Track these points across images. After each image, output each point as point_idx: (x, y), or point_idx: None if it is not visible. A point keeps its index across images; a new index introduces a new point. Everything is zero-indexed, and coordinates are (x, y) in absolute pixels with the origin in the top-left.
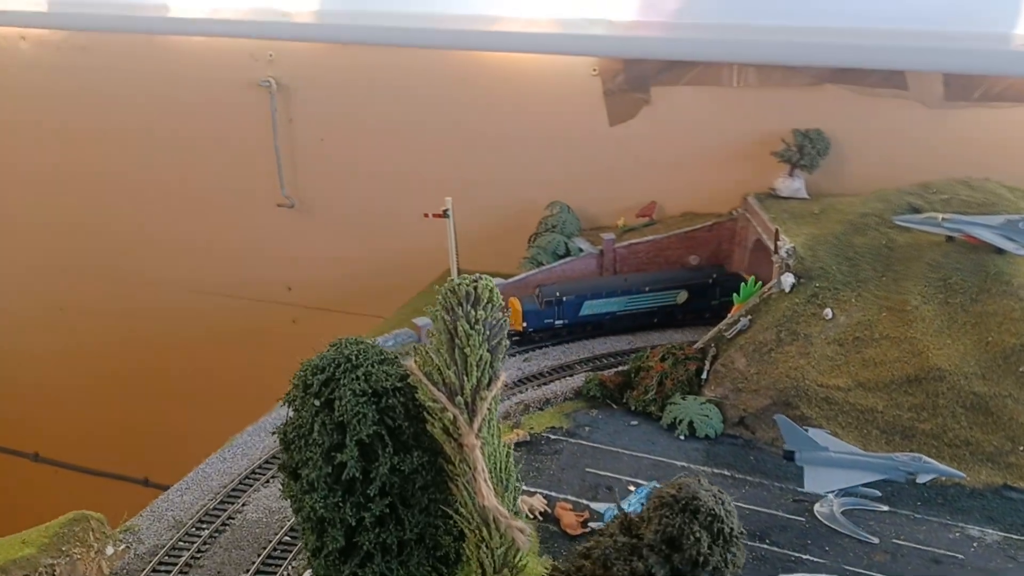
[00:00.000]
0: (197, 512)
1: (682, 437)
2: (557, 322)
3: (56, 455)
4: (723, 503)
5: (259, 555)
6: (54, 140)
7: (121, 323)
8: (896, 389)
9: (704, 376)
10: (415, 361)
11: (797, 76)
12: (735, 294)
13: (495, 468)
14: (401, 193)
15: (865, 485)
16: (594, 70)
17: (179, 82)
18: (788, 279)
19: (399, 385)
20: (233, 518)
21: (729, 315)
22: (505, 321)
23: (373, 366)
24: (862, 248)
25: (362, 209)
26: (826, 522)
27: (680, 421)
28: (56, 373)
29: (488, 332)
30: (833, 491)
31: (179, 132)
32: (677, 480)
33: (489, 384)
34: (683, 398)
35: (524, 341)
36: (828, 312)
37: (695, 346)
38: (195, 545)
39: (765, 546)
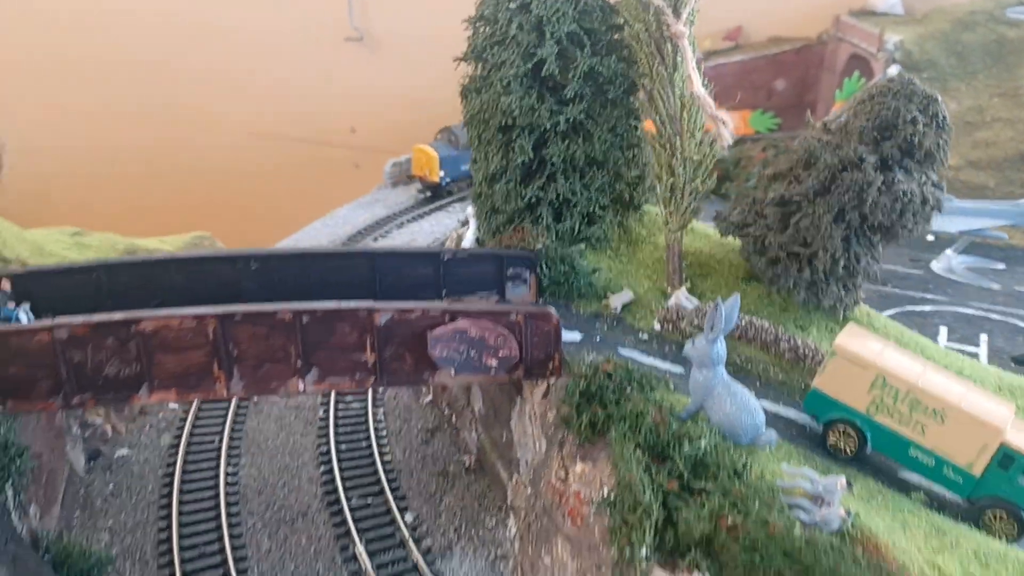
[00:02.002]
0: None
1: None
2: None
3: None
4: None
5: None
6: None
7: (178, 164)
8: (1008, 166)
9: None
10: None
11: None
12: (837, 91)
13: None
14: None
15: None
16: None
17: None
18: (894, 70)
19: None
20: None
21: (831, 111)
22: None
23: None
24: (971, 43)
25: (431, 41)
26: (944, 274)
27: None
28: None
29: None
30: (960, 233)
31: None
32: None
33: None
34: None
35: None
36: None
37: (795, 142)
38: None
39: (887, 289)
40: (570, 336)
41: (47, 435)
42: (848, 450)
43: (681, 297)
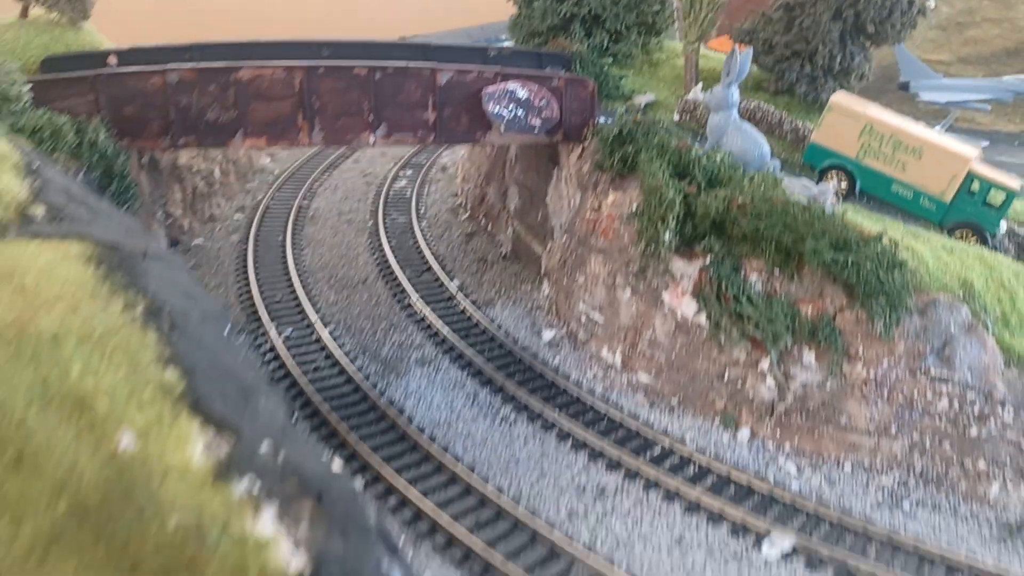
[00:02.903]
0: None
1: None
2: None
3: None
4: None
5: None
6: None
7: None
8: (995, 61)
9: None
10: None
11: None
12: None
13: None
14: None
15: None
16: None
17: None
18: None
19: None
20: None
21: None
22: None
23: None
24: None
25: None
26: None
27: None
28: None
29: None
30: (947, 103)
31: None
32: None
33: None
34: None
35: None
36: (931, 2)
37: None
38: None
39: None
40: (600, 121)
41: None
42: (841, 192)
43: (697, 91)
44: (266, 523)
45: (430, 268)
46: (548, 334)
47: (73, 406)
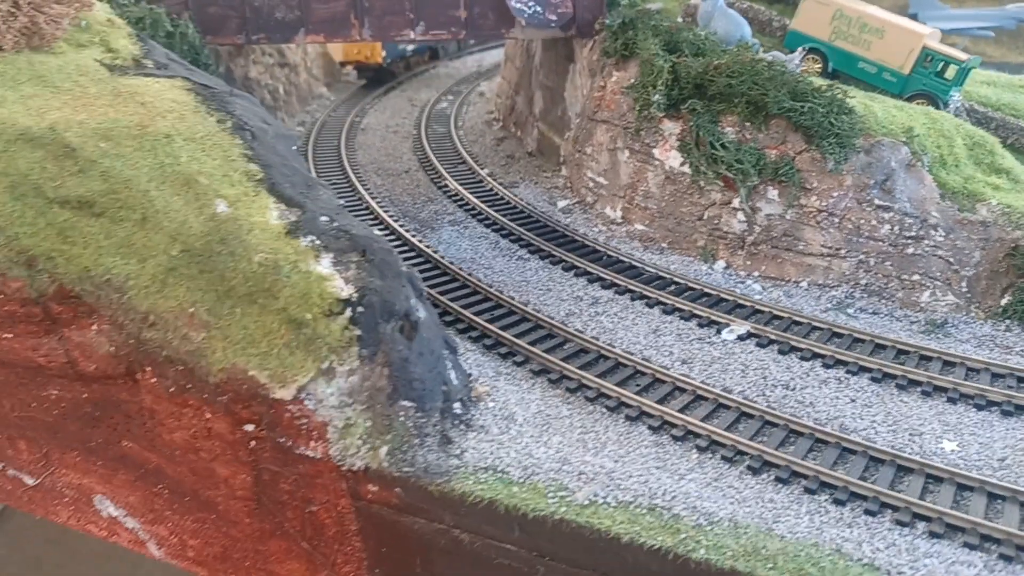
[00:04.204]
0: None
1: None
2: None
3: None
4: None
5: None
6: None
7: None
8: None
9: None
10: None
11: None
12: None
13: None
14: None
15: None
16: None
17: None
18: None
19: None
20: None
21: None
22: None
23: None
24: None
25: None
26: None
27: None
28: None
29: None
30: (951, 30)
31: None
32: None
33: None
34: None
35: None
36: None
37: None
38: None
39: None
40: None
41: None
42: (816, 72)
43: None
44: (325, 265)
45: (464, 161)
46: (562, 203)
47: (182, 183)
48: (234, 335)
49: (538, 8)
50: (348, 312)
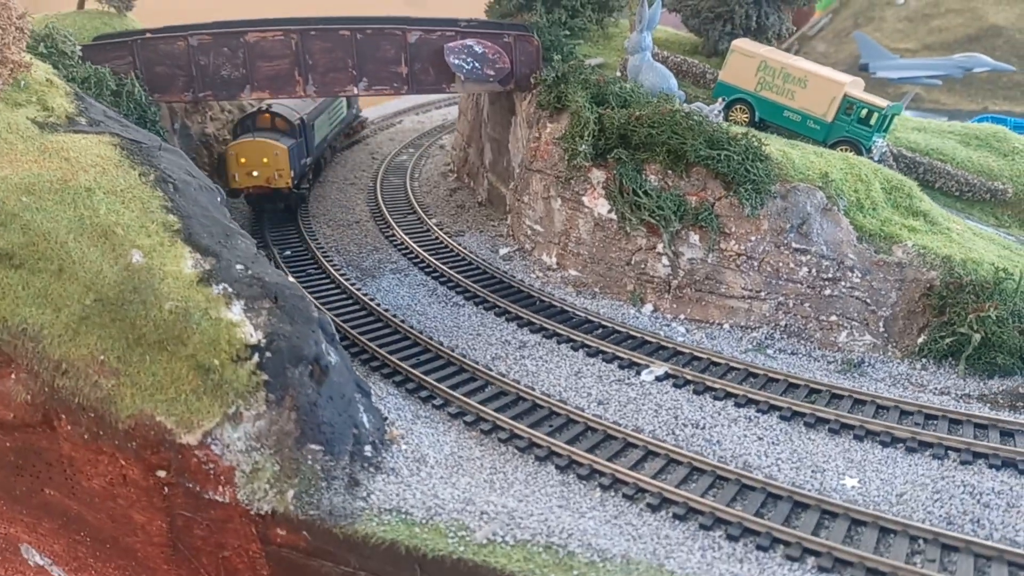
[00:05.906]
0: None
1: None
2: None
3: None
4: None
5: None
6: None
7: None
8: (957, 47)
9: None
10: None
11: None
12: (817, 2)
13: None
14: None
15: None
16: None
17: None
18: None
19: None
20: None
21: (811, 20)
22: None
23: None
24: None
25: None
26: None
27: None
28: None
29: None
30: (900, 79)
31: None
32: None
33: None
34: None
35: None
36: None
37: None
38: None
39: None
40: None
41: None
42: (743, 121)
43: None
44: (236, 312)
45: (414, 211)
46: (503, 250)
47: (100, 234)
48: (143, 381)
49: (476, 64)
50: (256, 357)
